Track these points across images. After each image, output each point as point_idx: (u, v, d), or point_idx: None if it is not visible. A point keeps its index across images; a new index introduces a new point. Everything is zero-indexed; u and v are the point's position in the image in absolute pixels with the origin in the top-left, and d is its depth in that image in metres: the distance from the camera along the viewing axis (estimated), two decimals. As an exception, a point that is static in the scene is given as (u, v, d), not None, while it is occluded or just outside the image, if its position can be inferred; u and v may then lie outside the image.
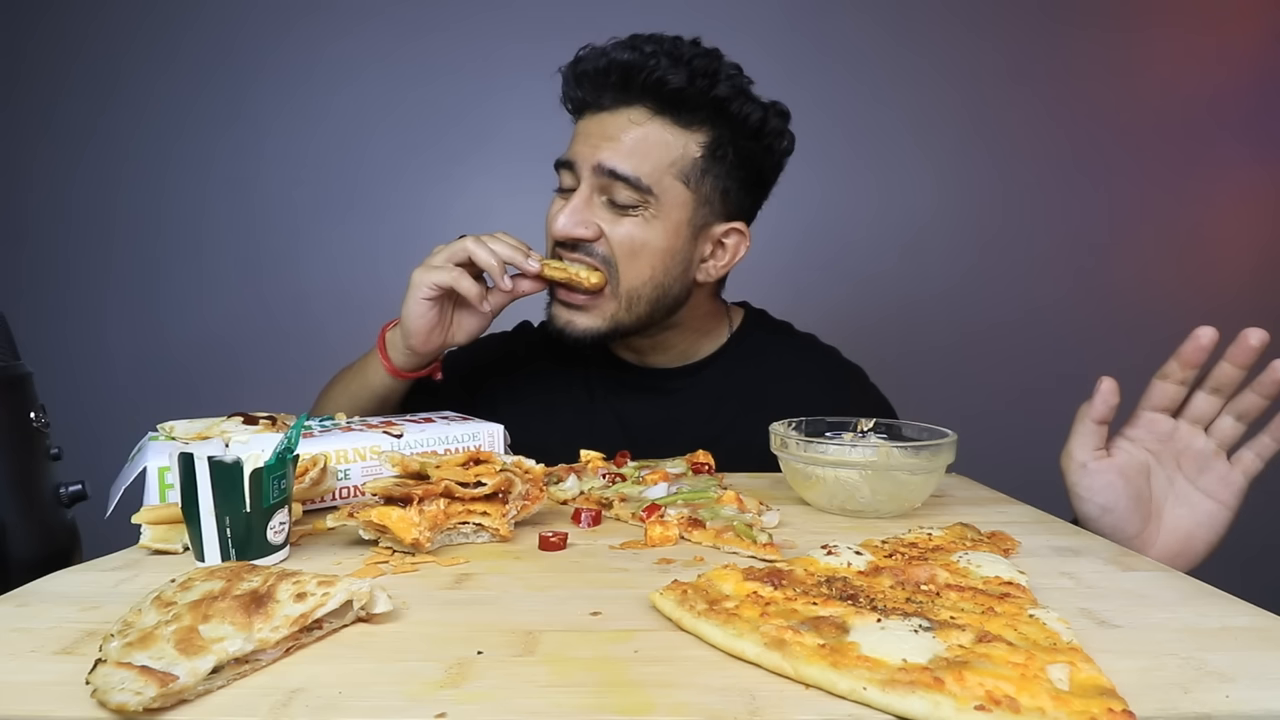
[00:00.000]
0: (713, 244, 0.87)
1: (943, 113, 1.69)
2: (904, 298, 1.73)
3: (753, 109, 0.82)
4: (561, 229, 0.81)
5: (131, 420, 0.91)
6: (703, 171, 0.83)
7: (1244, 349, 0.58)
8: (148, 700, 0.28)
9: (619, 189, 0.80)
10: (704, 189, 0.83)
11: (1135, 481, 0.61)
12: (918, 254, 1.72)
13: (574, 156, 0.84)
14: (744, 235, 0.89)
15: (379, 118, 1.70)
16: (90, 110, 1.68)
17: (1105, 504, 0.61)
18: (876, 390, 0.98)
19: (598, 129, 0.82)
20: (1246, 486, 0.61)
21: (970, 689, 0.28)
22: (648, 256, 0.82)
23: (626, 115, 0.81)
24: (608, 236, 0.82)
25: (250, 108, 1.70)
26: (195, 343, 1.71)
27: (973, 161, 1.70)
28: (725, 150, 0.83)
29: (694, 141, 0.82)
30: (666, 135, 0.81)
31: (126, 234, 1.71)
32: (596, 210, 0.82)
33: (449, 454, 0.62)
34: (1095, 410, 0.61)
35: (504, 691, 0.30)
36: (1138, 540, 0.61)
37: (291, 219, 1.72)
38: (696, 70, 0.79)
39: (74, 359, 1.70)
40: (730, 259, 0.89)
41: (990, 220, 1.69)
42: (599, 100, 0.83)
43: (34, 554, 0.56)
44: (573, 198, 0.82)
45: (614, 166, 0.79)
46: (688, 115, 0.81)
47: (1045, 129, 1.68)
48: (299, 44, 1.68)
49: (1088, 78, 1.68)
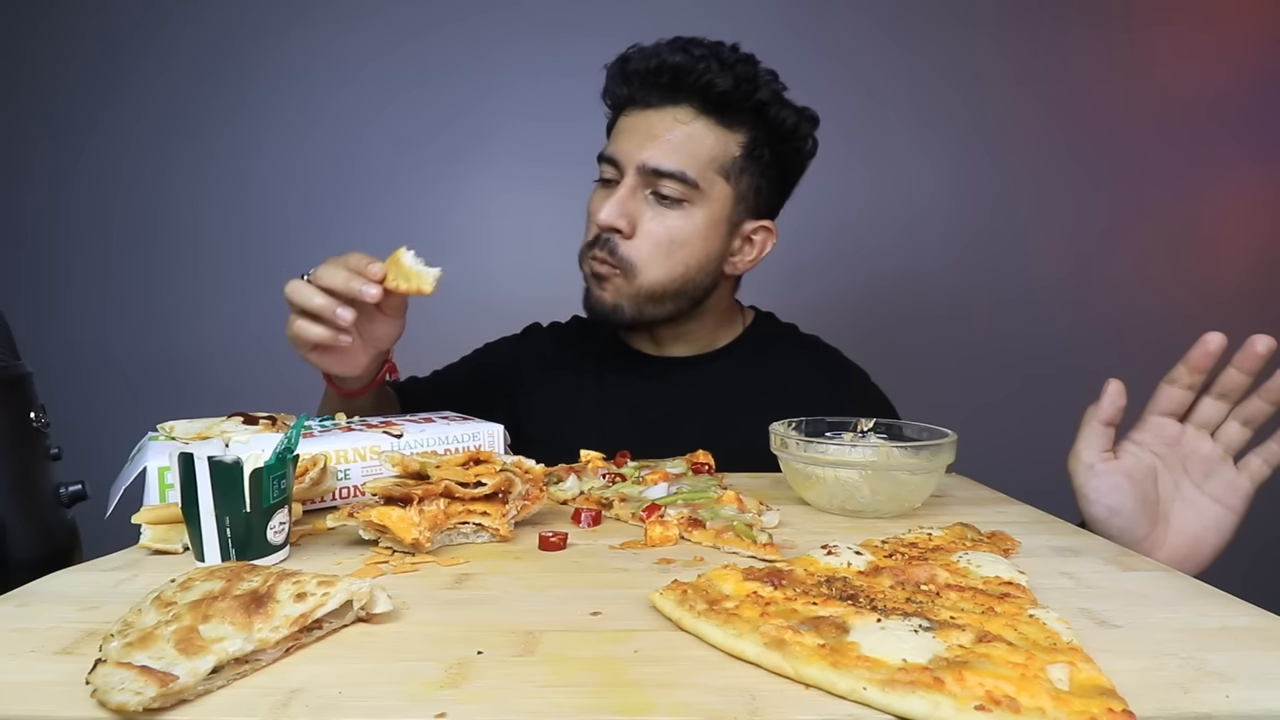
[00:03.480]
0: (742, 239, 0.92)
1: (942, 112, 1.69)
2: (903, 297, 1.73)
3: (788, 114, 0.88)
4: (606, 219, 0.85)
5: (131, 420, 0.91)
6: (740, 170, 0.88)
7: (1251, 355, 0.58)
8: (148, 700, 0.28)
9: (665, 183, 0.85)
10: (741, 186, 0.88)
11: (1143, 484, 0.62)
12: (917, 254, 1.72)
13: (618, 153, 0.87)
14: (771, 232, 0.94)
15: (377, 117, 1.70)
16: (89, 110, 1.68)
17: (1113, 506, 0.61)
18: (878, 389, 1.00)
19: (644, 126, 0.86)
20: (1253, 492, 0.61)
21: (970, 689, 0.28)
22: (687, 248, 0.87)
23: (672, 114, 0.85)
24: (646, 231, 0.86)
25: (249, 107, 1.70)
26: (195, 342, 1.71)
27: (971, 161, 1.70)
28: (762, 151, 0.88)
29: (734, 141, 0.86)
30: (710, 134, 0.85)
31: (126, 234, 1.71)
32: (640, 203, 0.87)
33: (449, 454, 0.62)
34: (1103, 412, 0.61)
35: (504, 691, 0.30)
36: (1146, 543, 0.61)
37: (290, 218, 1.72)
38: (740, 75, 0.84)
39: (74, 359, 1.70)
40: (757, 254, 0.94)
41: (989, 219, 1.69)
42: (646, 98, 0.87)
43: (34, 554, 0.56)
44: (618, 189, 0.86)
45: (659, 165, 0.84)
46: (730, 117, 0.86)
47: (1044, 128, 1.68)
48: (298, 44, 1.68)
49: (1087, 77, 1.68)
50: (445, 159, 1.72)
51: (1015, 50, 1.68)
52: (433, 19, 1.68)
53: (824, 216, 1.70)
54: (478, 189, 1.72)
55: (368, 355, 0.78)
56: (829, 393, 0.96)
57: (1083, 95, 1.68)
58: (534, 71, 1.68)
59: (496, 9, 1.68)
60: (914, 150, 1.70)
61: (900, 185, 1.71)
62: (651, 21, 1.09)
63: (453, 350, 1.10)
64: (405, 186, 1.72)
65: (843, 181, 1.70)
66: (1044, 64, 1.68)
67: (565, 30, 1.64)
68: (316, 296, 0.68)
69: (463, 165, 1.72)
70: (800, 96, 0.90)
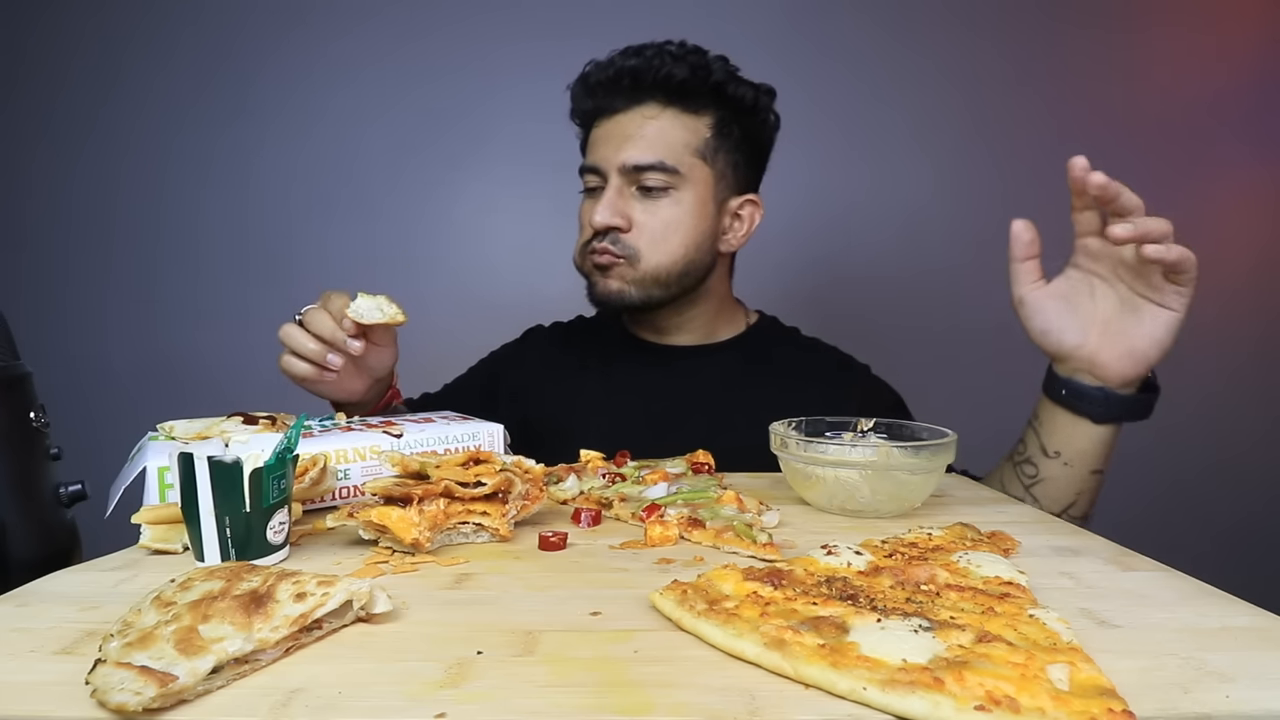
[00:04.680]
0: (731, 216, 0.97)
1: (942, 112, 1.69)
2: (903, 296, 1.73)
3: (745, 89, 0.93)
4: (600, 220, 0.90)
5: (131, 420, 0.91)
6: (715, 149, 0.93)
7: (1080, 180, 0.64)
8: (147, 700, 0.28)
9: (649, 175, 0.90)
10: (719, 165, 0.93)
11: (1074, 300, 0.70)
12: (917, 253, 1.72)
13: (599, 161, 0.92)
14: (757, 205, 0.99)
15: (379, 118, 1.70)
16: (89, 109, 1.68)
17: (1042, 327, 0.71)
18: (886, 384, 1.03)
19: (617, 130, 0.91)
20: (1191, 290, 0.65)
21: (970, 689, 0.28)
22: (681, 233, 0.91)
23: (640, 112, 0.91)
24: (641, 223, 0.91)
25: (249, 108, 1.69)
26: (195, 342, 1.71)
27: (972, 160, 1.70)
28: (730, 128, 0.93)
29: (702, 124, 0.92)
30: (679, 122, 0.91)
31: (126, 235, 1.71)
32: (629, 201, 0.91)
33: (449, 454, 0.62)
34: (1013, 251, 0.72)
35: (504, 691, 0.30)
36: (1083, 350, 0.70)
37: (290, 219, 1.71)
38: (694, 64, 0.90)
39: (74, 359, 1.70)
40: (748, 228, 0.99)
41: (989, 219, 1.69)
42: (612, 105, 0.92)
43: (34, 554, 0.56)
44: (605, 193, 0.91)
45: (639, 160, 0.89)
46: (694, 102, 0.91)
47: (1044, 128, 1.68)
48: (299, 45, 1.68)
49: (1087, 77, 1.68)
50: (446, 160, 1.72)
51: (1015, 51, 1.68)
52: (434, 20, 1.68)
53: (824, 215, 1.70)
54: (478, 192, 1.72)
55: (364, 383, 0.81)
56: (833, 390, 0.98)
57: (1083, 95, 1.68)
58: (535, 73, 1.67)
59: (497, 10, 1.68)
60: (914, 149, 1.70)
61: (901, 184, 1.71)
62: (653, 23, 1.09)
63: (457, 348, 1.11)
64: (407, 188, 1.72)
65: (843, 180, 1.70)
66: (1044, 64, 1.68)
67: (567, 32, 1.64)
68: (310, 343, 0.73)
69: (463, 168, 1.72)
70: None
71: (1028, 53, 1.68)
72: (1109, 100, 1.68)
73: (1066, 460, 0.75)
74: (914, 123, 1.69)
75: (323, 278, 1.69)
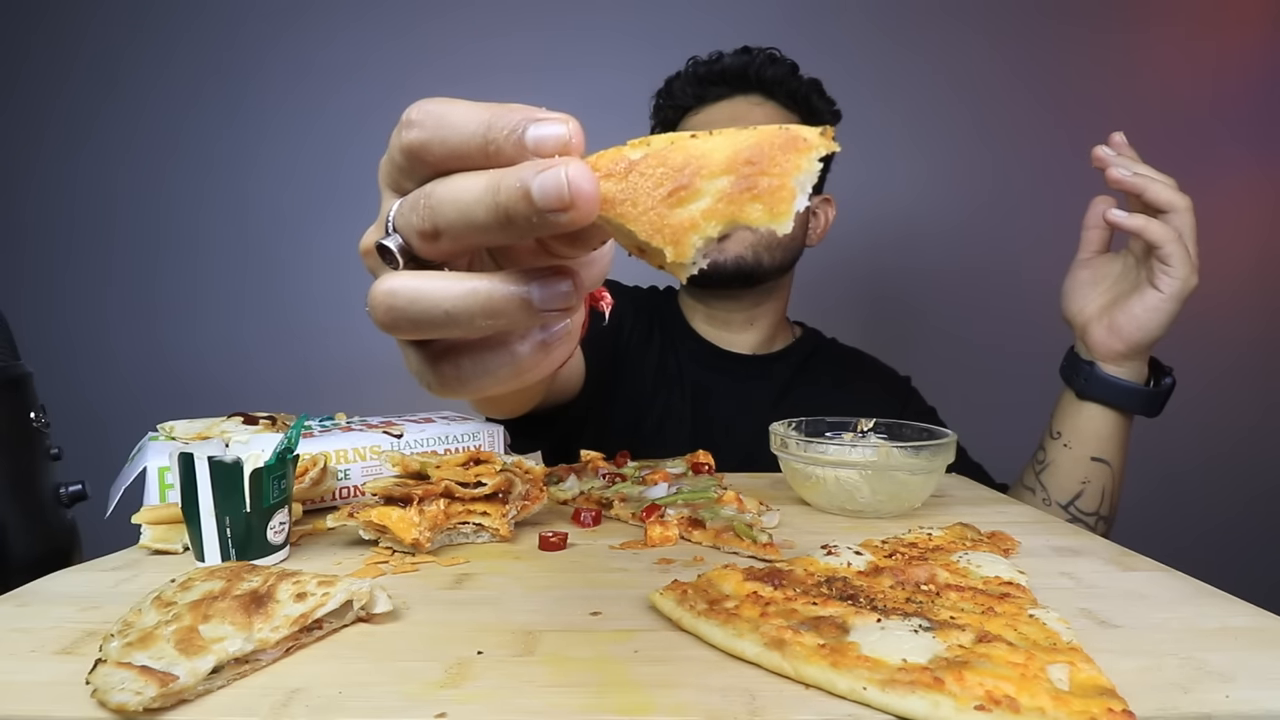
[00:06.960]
0: (809, 213, 1.03)
1: (941, 111, 1.69)
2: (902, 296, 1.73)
3: (824, 104, 1.01)
4: None
5: (131, 420, 0.91)
6: None
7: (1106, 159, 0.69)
8: (148, 700, 0.28)
9: None
10: None
11: (1101, 272, 0.75)
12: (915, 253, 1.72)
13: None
14: (831, 203, 1.06)
15: (378, 118, 1.70)
16: (89, 109, 1.68)
17: (1063, 292, 0.78)
18: (920, 395, 1.08)
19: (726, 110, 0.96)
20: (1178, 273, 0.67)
21: (970, 689, 0.28)
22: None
23: (746, 100, 0.97)
24: None
25: (250, 106, 1.69)
26: (196, 342, 1.71)
27: (971, 160, 1.70)
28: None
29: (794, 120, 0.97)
30: (779, 114, 0.97)
31: (126, 234, 1.71)
32: None
33: (449, 454, 0.62)
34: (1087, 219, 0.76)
35: (504, 691, 0.30)
36: (1078, 319, 0.76)
37: (290, 219, 1.71)
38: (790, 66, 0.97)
39: (74, 359, 1.70)
40: (825, 224, 1.05)
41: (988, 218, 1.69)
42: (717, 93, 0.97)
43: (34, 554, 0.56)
44: None
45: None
46: (786, 100, 0.97)
47: (1044, 128, 1.67)
48: (298, 43, 1.68)
49: (1087, 77, 1.68)
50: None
51: (1015, 50, 1.68)
52: (434, 20, 1.68)
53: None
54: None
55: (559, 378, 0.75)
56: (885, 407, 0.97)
57: (1083, 95, 1.68)
58: (536, 74, 1.68)
59: (497, 10, 1.68)
60: (913, 149, 1.70)
61: (899, 183, 1.71)
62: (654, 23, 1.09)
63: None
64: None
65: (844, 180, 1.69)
66: (1044, 64, 1.68)
67: (567, 32, 1.64)
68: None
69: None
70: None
71: (1027, 52, 1.68)
72: (1109, 100, 1.68)
73: (1066, 441, 0.77)
74: (912, 121, 1.69)
75: (323, 277, 1.70)
